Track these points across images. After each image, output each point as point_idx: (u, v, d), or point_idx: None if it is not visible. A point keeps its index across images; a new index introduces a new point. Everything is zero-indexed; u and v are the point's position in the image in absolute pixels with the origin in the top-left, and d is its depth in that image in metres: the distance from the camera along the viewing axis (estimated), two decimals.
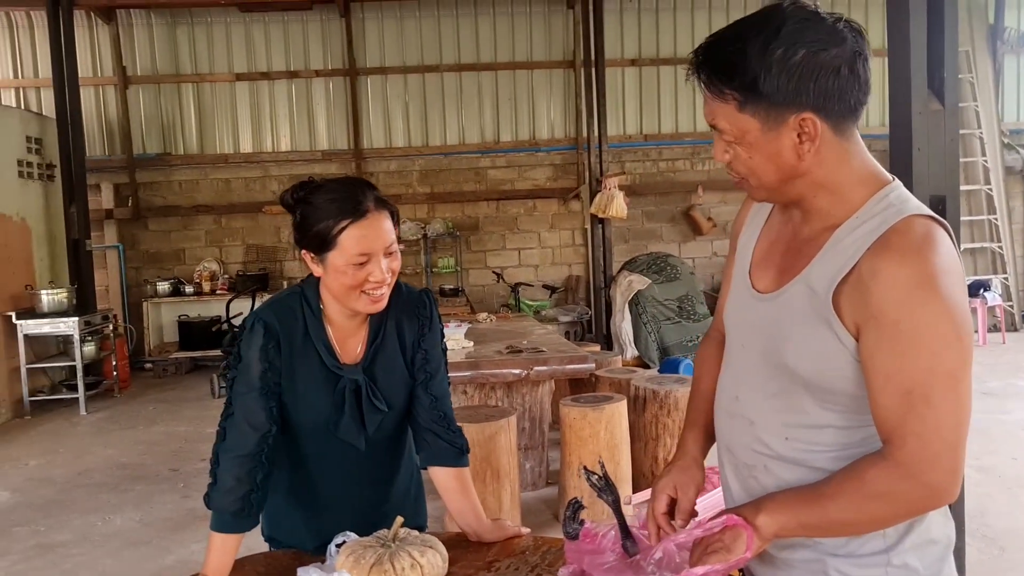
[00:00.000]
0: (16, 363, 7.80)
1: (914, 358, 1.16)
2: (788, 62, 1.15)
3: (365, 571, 1.57)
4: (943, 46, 2.66)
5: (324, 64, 10.39)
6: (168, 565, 4.13)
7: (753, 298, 1.37)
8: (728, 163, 1.28)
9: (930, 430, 1.16)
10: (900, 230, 1.19)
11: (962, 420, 1.18)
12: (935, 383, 1.16)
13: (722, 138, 1.26)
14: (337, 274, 1.69)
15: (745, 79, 1.17)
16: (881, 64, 11.56)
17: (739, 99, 1.19)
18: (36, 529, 4.77)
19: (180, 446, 6.49)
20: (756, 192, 1.30)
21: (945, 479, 1.18)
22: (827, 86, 1.17)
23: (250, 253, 10.46)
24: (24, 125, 8.53)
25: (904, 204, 1.23)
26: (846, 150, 1.24)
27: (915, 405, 1.16)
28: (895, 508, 1.21)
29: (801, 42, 1.15)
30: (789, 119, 1.18)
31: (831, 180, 1.25)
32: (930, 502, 1.21)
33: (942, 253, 1.17)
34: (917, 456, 1.17)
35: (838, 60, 1.17)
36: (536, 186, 10.70)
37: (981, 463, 5.10)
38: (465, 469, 1.91)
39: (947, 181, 2.71)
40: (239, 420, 1.72)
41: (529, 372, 4.78)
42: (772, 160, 1.22)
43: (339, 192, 1.70)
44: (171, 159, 10.27)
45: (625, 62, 10.54)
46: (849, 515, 1.22)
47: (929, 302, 1.15)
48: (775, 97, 1.17)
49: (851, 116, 1.22)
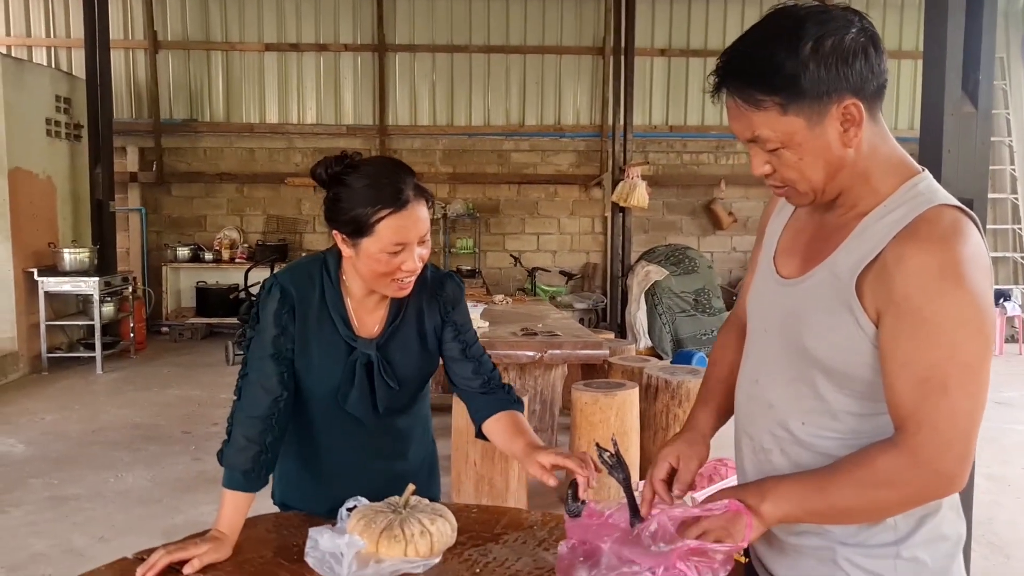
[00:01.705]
0: (36, 319, 7.90)
1: (933, 346, 1.16)
2: (820, 53, 1.16)
3: (375, 535, 1.59)
4: (980, 48, 2.63)
5: (353, 39, 10.39)
6: (177, 524, 4.19)
7: (777, 284, 1.37)
8: (768, 174, 1.28)
9: (944, 418, 1.17)
10: (928, 219, 1.19)
11: (976, 411, 1.18)
12: (952, 372, 1.16)
13: (763, 148, 1.24)
14: (370, 260, 1.68)
15: (783, 81, 1.17)
16: (913, 66, 11.39)
17: (781, 103, 1.18)
18: (50, 482, 4.85)
19: (193, 410, 6.56)
20: (802, 198, 1.29)
21: (955, 467, 1.18)
22: (860, 67, 1.18)
23: (270, 223, 10.51)
24: (54, 84, 8.59)
25: (933, 194, 1.23)
26: (877, 133, 1.25)
27: (930, 393, 1.16)
28: (901, 495, 1.21)
29: (826, 32, 1.16)
30: (831, 109, 1.19)
31: (864, 167, 1.25)
32: (938, 491, 1.22)
33: (970, 244, 1.17)
34: (929, 443, 1.17)
35: (861, 40, 1.18)
36: (558, 172, 10.68)
37: (991, 471, 5.08)
38: (518, 413, 1.86)
39: (975, 185, 2.69)
40: (253, 382, 1.74)
41: (543, 355, 4.79)
42: (821, 155, 1.22)
43: (379, 177, 1.66)
44: (197, 126, 10.31)
45: (655, 52, 10.48)
46: (854, 502, 1.23)
47: (952, 291, 1.15)
48: (816, 90, 1.17)
49: (879, 98, 1.23)
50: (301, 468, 1.92)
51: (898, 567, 1.27)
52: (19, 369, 7.74)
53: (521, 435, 1.80)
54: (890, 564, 1.27)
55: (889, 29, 10.62)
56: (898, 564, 1.27)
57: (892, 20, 10.61)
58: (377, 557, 1.57)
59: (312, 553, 1.58)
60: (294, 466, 1.91)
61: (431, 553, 1.61)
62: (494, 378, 1.91)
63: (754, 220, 10.50)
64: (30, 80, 8.12)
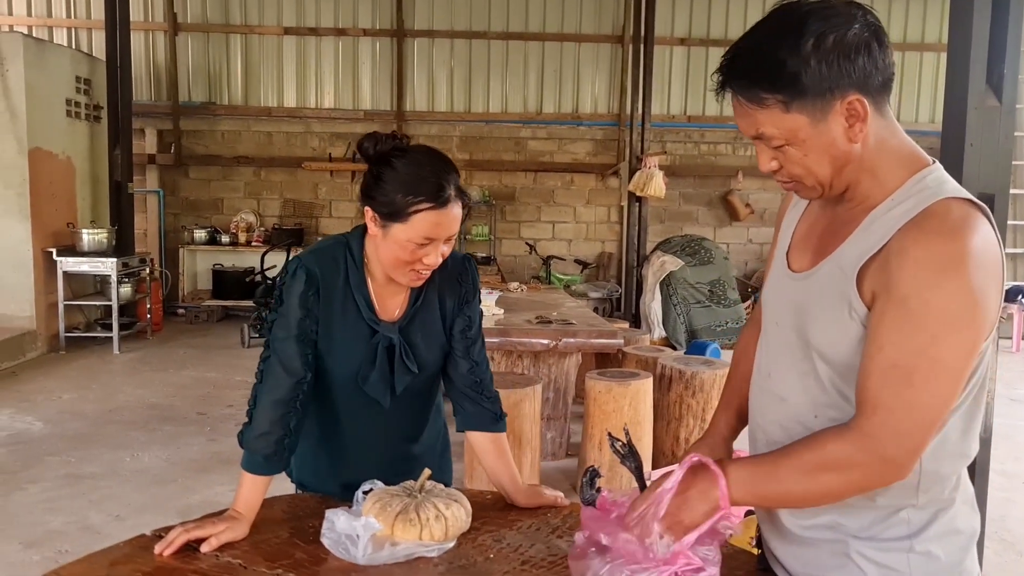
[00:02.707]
0: (54, 299, 7.97)
1: (910, 335, 1.16)
2: (822, 50, 1.16)
3: (391, 519, 1.60)
4: (1005, 41, 2.61)
5: (372, 23, 10.38)
6: (192, 504, 4.23)
7: (788, 278, 1.38)
8: (776, 170, 1.28)
9: (902, 407, 1.17)
10: (934, 212, 1.18)
11: (938, 407, 1.18)
12: (921, 365, 1.16)
13: (769, 145, 1.25)
14: (395, 246, 1.69)
15: (785, 80, 1.18)
16: (936, 58, 11.29)
17: (784, 100, 1.19)
18: (67, 460, 4.91)
19: (208, 391, 6.61)
20: (810, 192, 1.30)
21: (903, 457, 1.19)
22: (863, 62, 1.18)
23: (287, 207, 10.54)
24: (75, 65, 8.63)
25: (941, 186, 1.22)
26: (885, 127, 1.25)
27: (895, 381, 1.17)
28: (847, 479, 1.22)
29: (828, 28, 1.16)
30: (835, 105, 1.19)
31: (872, 162, 1.25)
32: (883, 477, 1.21)
33: (976, 238, 1.15)
34: (882, 429, 1.18)
35: (864, 35, 1.18)
36: (575, 160, 10.65)
37: (1005, 468, 5.06)
38: (501, 434, 1.93)
39: (998, 180, 2.68)
40: (275, 364, 1.74)
41: (557, 343, 4.80)
42: (827, 151, 1.22)
43: (426, 167, 1.67)
44: (215, 109, 10.34)
45: (674, 40, 10.41)
46: (802, 485, 1.24)
47: (945, 284, 1.14)
48: (819, 87, 1.17)
49: (886, 92, 1.23)
50: (317, 448, 1.93)
51: (911, 561, 1.27)
52: (37, 348, 7.82)
53: (502, 461, 1.90)
54: (903, 558, 1.27)
55: (912, 21, 10.52)
56: (911, 558, 1.27)
57: (915, 12, 10.51)
58: (392, 540, 1.58)
59: (328, 534, 1.60)
60: (310, 446, 1.92)
61: (445, 538, 1.62)
62: (486, 385, 1.93)
63: (771, 212, 10.44)
64: (51, 61, 8.16)
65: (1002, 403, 6.49)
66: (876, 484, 1.23)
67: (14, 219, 7.75)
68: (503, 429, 1.94)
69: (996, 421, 2.98)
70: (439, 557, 1.59)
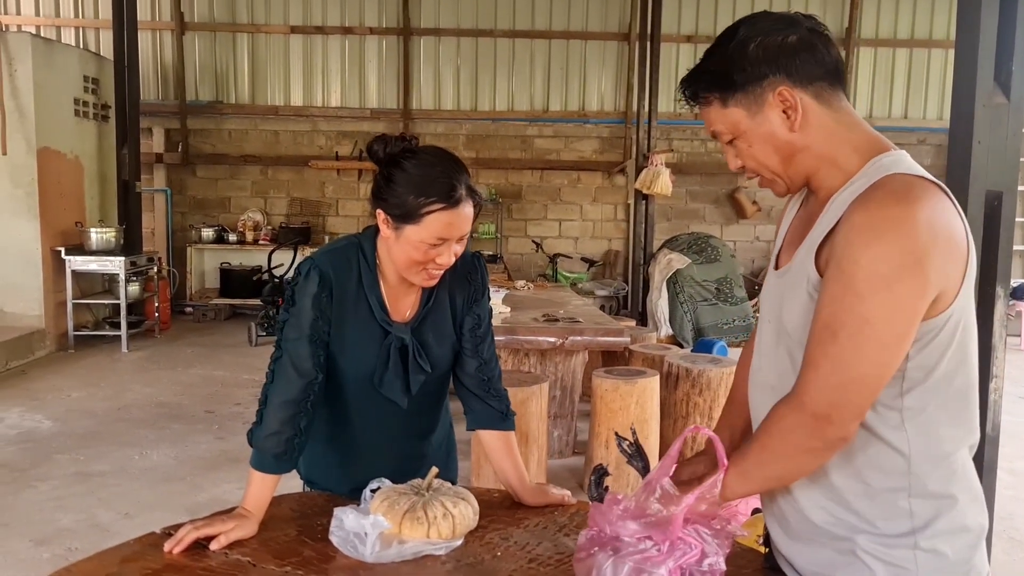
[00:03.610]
0: (63, 298, 8.00)
1: (841, 295, 1.20)
2: (748, 49, 1.29)
3: (398, 517, 1.61)
4: (1013, 38, 2.60)
5: (378, 22, 10.39)
6: (201, 501, 4.25)
7: (774, 276, 1.43)
8: (741, 167, 1.39)
9: (828, 363, 1.21)
10: (881, 184, 1.23)
11: (866, 364, 1.20)
12: (848, 321, 1.19)
13: (723, 142, 1.38)
14: (408, 247, 1.69)
15: (717, 77, 1.32)
16: (943, 55, 11.24)
17: (720, 96, 1.33)
18: (76, 457, 4.93)
19: (216, 390, 6.63)
20: (775, 185, 1.38)
21: (833, 412, 1.22)
22: (788, 59, 1.28)
23: (294, 206, 10.56)
24: (82, 65, 8.66)
25: (895, 165, 1.27)
26: (835, 119, 1.31)
27: (824, 338, 1.22)
28: (794, 444, 1.27)
29: (756, 32, 1.30)
30: (768, 97, 1.30)
31: (827, 150, 1.31)
32: (819, 436, 1.24)
33: (919, 206, 1.18)
34: (810, 385, 1.23)
35: (792, 36, 1.29)
36: (582, 158, 10.64)
37: (1013, 467, 5.04)
38: (509, 433, 1.94)
39: (1006, 177, 2.67)
40: (286, 365, 1.74)
41: (564, 341, 4.81)
42: (769, 141, 1.32)
43: (436, 167, 1.68)
44: (222, 108, 10.36)
45: (681, 38, 10.39)
46: (763, 456, 1.31)
47: (876, 245, 1.17)
48: (748, 82, 1.30)
49: (828, 86, 1.31)
50: (327, 447, 1.94)
51: (918, 558, 1.27)
52: (46, 346, 7.85)
53: (510, 459, 1.91)
54: (910, 555, 1.27)
55: (920, 17, 10.47)
56: (918, 555, 1.27)
57: (923, 8, 10.46)
58: (400, 538, 1.59)
59: (336, 532, 1.61)
60: (321, 445, 1.93)
61: (453, 535, 1.62)
62: (494, 383, 1.94)
63: (778, 209, 10.41)
64: (59, 60, 8.19)
65: (1010, 400, 6.46)
66: (817, 444, 1.25)
67: (23, 218, 7.78)
68: (511, 427, 1.95)
69: (1004, 419, 2.97)
70: (447, 555, 1.60)
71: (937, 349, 1.24)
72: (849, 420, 1.23)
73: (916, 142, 10.54)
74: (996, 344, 2.73)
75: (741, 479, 1.34)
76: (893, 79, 10.58)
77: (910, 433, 1.26)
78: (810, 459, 1.28)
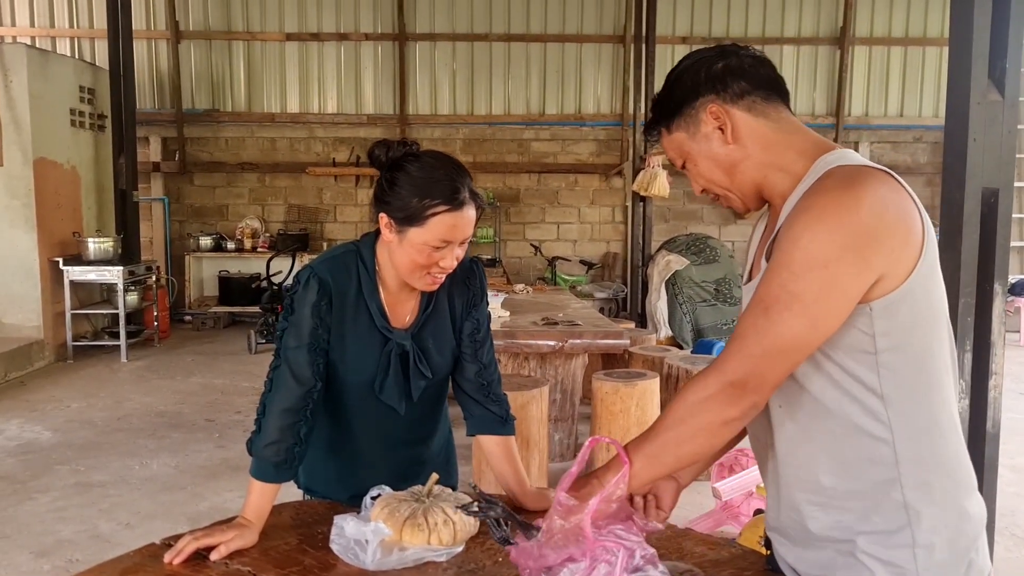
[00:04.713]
0: (61, 308, 8.00)
1: (776, 273, 1.25)
2: (682, 78, 1.40)
3: (399, 524, 1.61)
4: (1007, 35, 2.60)
5: (374, 28, 10.40)
6: (201, 511, 4.24)
7: (746, 289, 1.45)
8: (702, 190, 1.46)
9: (753, 333, 1.26)
10: (825, 175, 1.27)
11: (789, 337, 1.23)
12: (781, 297, 1.23)
13: (679, 167, 1.45)
14: (412, 250, 1.70)
15: (659, 108, 1.43)
16: (938, 53, 11.25)
17: (665, 125, 1.43)
18: (76, 468, 4.92)
19: (216, 398, 6.62)
20: (732, 202, 1.44)
21: (747, 378, 1.25)
22: (717, 80, 1.36)
23: (291, 213, 10.56)
24: (78, 75, 8.67)
25: (840, 159, 1.30)
26: (773, 128, 1.37)
27: (756, 312, 1.26)
28: (706, 419, 1.29)
29: (689, 63, 1.40)
30: (702, 116, 1.37)
31: (769, 158, 1.36)
32: (733, 402, 1.27)
33: (859, 190, 1.21)
34: (730, 355, 1.28)
35: (719, 63, 1.37)
36: (579, 161, 10.65)
37: (1015, 463, 5.04)
38: (509, 437, 1.94)
39: (1001, 174, 2.67)
40: (285, 373, 1.74)
41: (564, 344, 4.80)
42: (711, 157, 1.39)
43: (439, 170, 1.69)
44: (219, 115, 10.37)
45: (676, 39, 10.40)
46: (675, 435, 1.33)
47: (814, 226, 1.21)
48: (683, 104, 1.39)
49: (761, 99, 1.36)
50: (327, 455, 1.94)
51: (917, 556, 1.26)
52: (45, 357, 7.84)
53: (510, 464, 1.91)
54: (908, 553, 1.26)
55: (914, 16, 10.50)
56: (917, 553, 1.26)
57: (917, 6, 10.48)
58: (401, 545, 1.59)
59: (337, 540, 1.60)
60: (321, 453, 1.92)
61: (454, 542, 1.62)
62: (494, 387, 1.94)
63: None
64: (54, 71, 8.20)
65: (1011, 396, 6.47)
66: (734, 414, 1.28)
67: (20, 229, 7.78)
68: (512, 432, 1.95)
69: (1005, 415, 2.97)
70: (448, 561, 1.59)
71: (902, 328, 1.26)
72: (766, 388, 1.27)
73: (912, 140, 10.56)
74: (995, 341, 2.73)
75: (651, 463, 1.36)
76: (888, 77, 10.60)
77: (891, 416, 1.26)
78: (725, 431, 1.31)
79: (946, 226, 2.73)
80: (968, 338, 2.70)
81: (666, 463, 1.37)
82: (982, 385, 2.75)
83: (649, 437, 1.37)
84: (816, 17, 10.53)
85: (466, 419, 1.97)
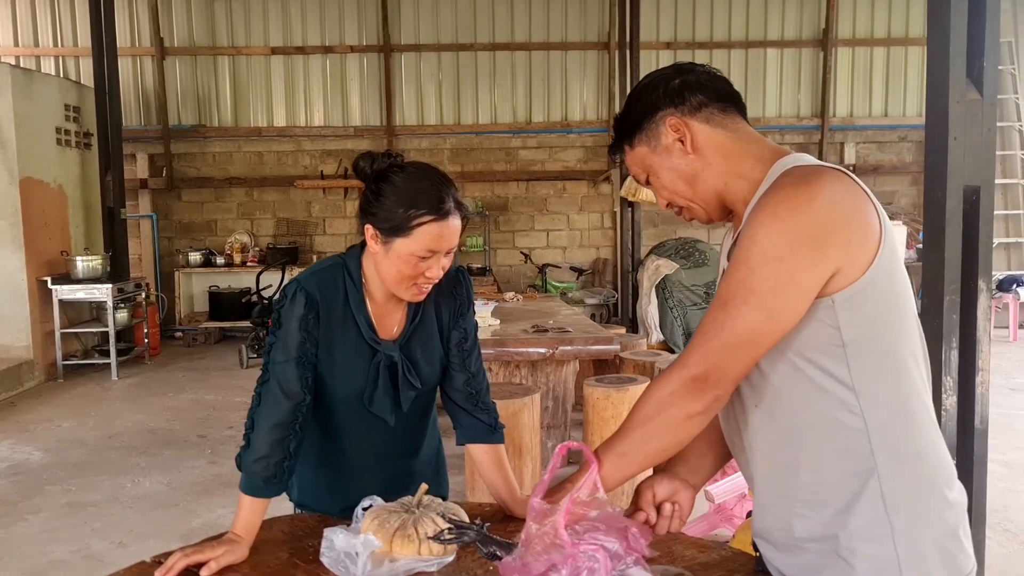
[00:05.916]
0: (51, 327, 7.96)
1: (735, 271, 1.28)
2: (638, 96, 1.45)
3: (389, 535, 1.60)
4: (984, 35, 2.62)
5: (359, 40, 10.42)
6: (194, 527, 4.23)
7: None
8: (667, 204, 1.50)
9: (713, 328, 1.29)
10: (782, 175, 1.31)
11: (747, 329, 1.26)
12: (739, 292, 1.27)
13: (643, 182, 1.49)
14: (398, 260, 1.70)
15: (621, 125, 1.48)
16: (920, 52, 11.35)
17: (628, 141, 1.47)
18: (68, 488, 4.90)
19: (208, 414, 6.60)
20: (697, 214, 1.48)
21: (708, 372, 1.28)
22: (674, 95, 1.41)
23: (280, 226, 10.55)
24: (63, 93, 8.66)
25: (795, 161, 1.35)
26: (731, 138, 1.41)
27: (716, 308, 1.30)
28: (671, 416, 1.32)
29: (648, 81, 1.46)
30: (661, 129, 1.41)
31: (728, 166, 1.41)
32: (696, 396, 1.30)
33: (813, 187, 1.25)
34: (693, 350, 1.31)
35: (676, 80, 1.43)
36: (566, 168, 10.68)
37: (1006, 458, 5.06)
38: (499, 446, 1.94)
39: (982, 172, 2.68)
40: (274, 388, 1.74)
41: (554, 351, 4.80)
42: (673, 169, 1.43)
43: (424, 180, 1.70)
44: (205, 131, 10.37)
45: (660, 45, 10.46)
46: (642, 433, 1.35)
47: (771, 224, 1.25)
48: (641, 121, 1.43)
49: (719, 111, 1.41)
50: (318, 468, 1.94)
51: (897, 545, 1.27)
52: (35, 377, 7.81)
53: (500, 472, 1.91)
54: (888, 544, 1.27)
55: (896, 16, 10.57)
56: (897, 542, 1.27)
57: (899, 7, 10.55)
58: (391, 556, 1.58)
59: (327, 553, 1.60)
60: (311, 466, 1.92)
61: (444, 552, 1.62)
62: (482, 396, 1.94)
63: None
64: (39, 90, 8.18)
65: (1000, 392, 6.51)
66: (698, 407, 1.31)
67: (7, 249, 7.76)
68: (501, 440, 1.95)
69: (994, 411, 2.98)
70: (438, 571, 1.59)
71: (867, 319, 1.28)
72: (727, 382, 1.30)
73: (898, 139, 10.62)
74: (980, 338, 2.74)
75: (620, 463, 1.38)
76: (872, 78, 10.66)
77: (863, 406, 1.28)
78: (690, 425, 1.34)
79: (929, 224, 2.74)
80: (954, 335, 2.71)
81: (635, 460, 1.39)
82: (969, 382, 2.76)
83: (618, 436, 1.40)
84: (799, 19, 10.59)
85: (455, 428, 1.97)
